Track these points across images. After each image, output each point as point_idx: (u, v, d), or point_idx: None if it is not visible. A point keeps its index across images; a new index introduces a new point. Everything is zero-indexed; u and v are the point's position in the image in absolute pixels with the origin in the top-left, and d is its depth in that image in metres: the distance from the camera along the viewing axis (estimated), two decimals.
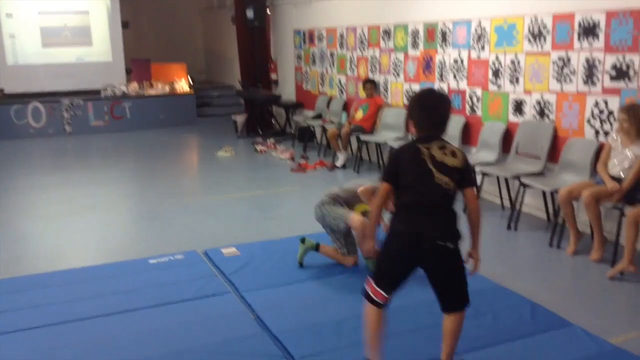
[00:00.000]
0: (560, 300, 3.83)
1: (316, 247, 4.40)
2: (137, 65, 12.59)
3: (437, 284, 2.81)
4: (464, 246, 2.84)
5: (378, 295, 2.79)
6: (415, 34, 7.19)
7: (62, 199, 6.68)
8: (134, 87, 12.01)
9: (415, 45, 7.22)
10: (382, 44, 7.88)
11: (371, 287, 2.82)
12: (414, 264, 2.77)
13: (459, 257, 2.78)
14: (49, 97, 11.24)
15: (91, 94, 11.55)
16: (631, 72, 4.68)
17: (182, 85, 12.59)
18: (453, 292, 2.83)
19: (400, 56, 7.52)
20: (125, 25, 12.64)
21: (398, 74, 7.60)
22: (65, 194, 6.88)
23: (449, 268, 2.78)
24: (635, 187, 4.45)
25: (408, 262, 2.77)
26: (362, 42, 8.35)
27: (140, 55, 13.04)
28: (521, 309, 3.64)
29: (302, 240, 4.42)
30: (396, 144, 7.06)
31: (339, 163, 7.94)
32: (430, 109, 2.78)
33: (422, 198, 2.70)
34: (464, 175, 2.74)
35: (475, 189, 2.88)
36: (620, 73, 4.76)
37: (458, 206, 2.83)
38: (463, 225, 2.84)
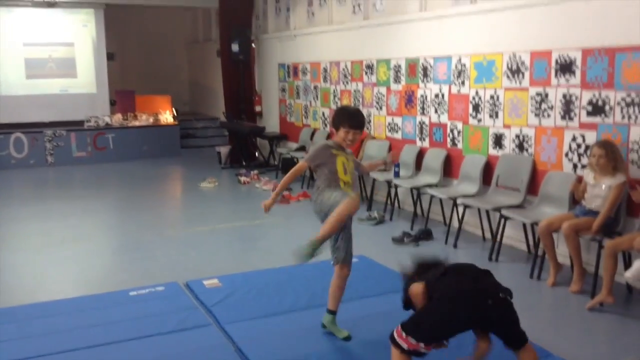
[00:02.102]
0: (541, 331, 3.85)
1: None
2: (122, 96, 12.63)
3: (501, 332, 2.91)
4: None
5: (420, 349, 2.79)
6: (397, 69, 7.33)
7: (43, 230, 6.62)
8: (117, 118, 12.02)
9: (397, 79, 7.35)
10: (365, 78, 8.01)
11: (406, 341, 2.78)
12: (476, 322, 2.88)
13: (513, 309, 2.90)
14: (32, 128, 11.20)
15: (74, 125, 11.53)
16: (607, 108, 4.80)
17: (167, 116, 12.62)
18: (516, 333, 2.92)
19: (383, 90, 7.64)
20: (110, 57, 12.71)
21: (381, 108, 7.71)
22: (45, 225, 6.81)
23: (511, 319, 2.89)
24: (614, 219, 4.54)
25: (472, 322, 2.86)
26: (345, 76, 8.48)
27: (124, 86, 13.09)
28: None
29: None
30: (379, 175, 7.12)
31: None
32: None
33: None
34: None
35: None
36: (597, 108, 4.89)
37: None
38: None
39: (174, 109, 12.85)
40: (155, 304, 4.27)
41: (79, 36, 12.08)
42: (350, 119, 3.71)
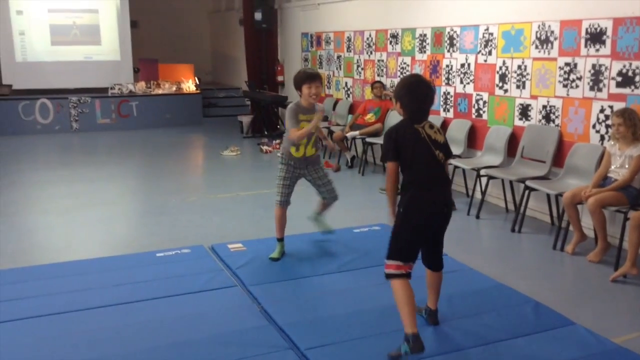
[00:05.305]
0: (563, 301, 3.87)
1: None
2: (145, 64, 12.69)
3: (436, 244, 3.30)
4: None
5: (405, 269, 3.09)
6: (422, 38, 7.25)
7: (69, 193, 6.74)
8: (141, 86, 12.09)
9: (422, 49, 7.27)
10: (389, 47, 7.94)
11: (395, 267, 3.09)
12: (431, 229, 3.21)
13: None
14: (57, 94, 11.32)
15: (99, 92, 11.63)
16: (637, 79, 4.72)
17: (189, 85, 12.66)
18: (441, 251, 3.34)
19: (408, 60, 7.57)
20: (134, 24, 12.73)
21: None
22: (71, 189, 6.93)
23: (446, 227, 3.29)
24: (639, 191, 4.50)
25: (429, 228, 3.19)
26: (369, 45, 8.41)
27: (148, 55, 13.14)
28: (524, 307, 3.67)
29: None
30: None
31: (348, 157, 8.14)
32: (423, 95, 3.19)
33: (431, 174, 3.15)
34: (447, 149, 3.26)
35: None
36: (627, 79, 4.81)
37: None
38: None
39: (196, 78, 12.88)
40: (182, 265, 4.35)
41: (103, 3, 12.14)
42: (305, 76, 4.34)
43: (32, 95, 11.16)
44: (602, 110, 5.05)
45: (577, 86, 5.26)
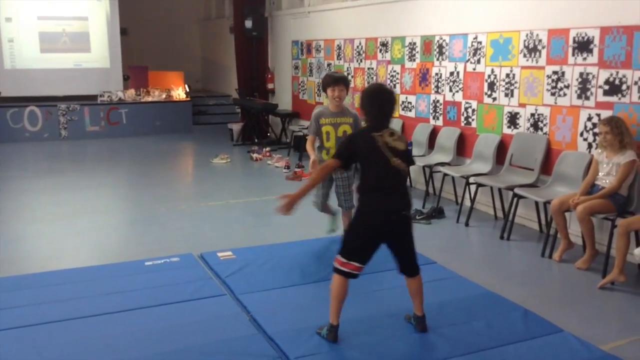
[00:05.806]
0: (552, 308, 3.89)
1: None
2: (135, 72, 12.65)
3: (401, 250, 3.35)
4: None
5: (352, 267, 3.24)
6: (412, 47, 7.29)
7: (57, 202, 6.70)
8: (130, 93, 12.05)
9: (412, 57, 7.31)
10: (379, 55, 7.98)
11: (340, 262, 3.26)
12: (383, 235, 3.27)
13: (411, 223, 3.38)
14: (46, 102, 11.26)
15: (88, 99, 11.58)
16: (624, 87, 4.77)
17: (179, 93, 12.64)
18: (413, 256, 3.37)
19: (397, 68, 7.61)
20: (123, 32, 12.70)
21: (395, 86, 7.69)
22: (60, 198, 6.89)
23: (408, 233, 3.33)
24: (627, 199, 4.54)
25: (380, 234, 3.26)
26: (359, 53, 8.44)
27: (137, 62, 13.10)
28: (513, 315, 3.69)
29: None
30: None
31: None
32: (382, 102, 3.31)
33: (384, 181, 3.24)
34: (408, 156, 3.36)
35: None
36: (613, 87, 4.86)
37: None
38: None
39: (186, 86, 12.87)
40: (171, 273, 4.33)
41: (93, 11, 12.09)
42: (329, 80, 4.58)
43: (21, 102, 11.08)
44: (589, 119, 5.10)
45: (564, 94, 5.30)
